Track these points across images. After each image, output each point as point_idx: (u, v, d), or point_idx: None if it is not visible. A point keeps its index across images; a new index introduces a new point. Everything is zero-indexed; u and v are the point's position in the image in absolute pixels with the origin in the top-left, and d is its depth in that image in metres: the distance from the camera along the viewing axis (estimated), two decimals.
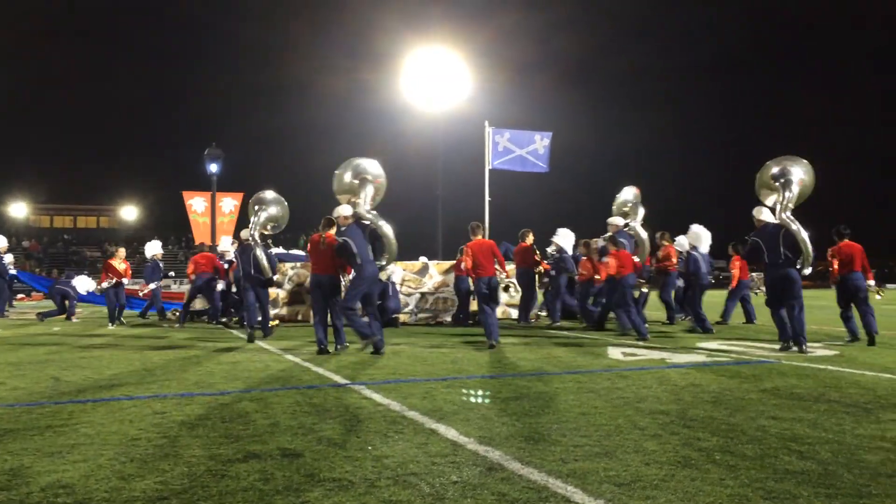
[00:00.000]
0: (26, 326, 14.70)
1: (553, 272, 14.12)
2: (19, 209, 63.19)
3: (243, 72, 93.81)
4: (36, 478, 3.39)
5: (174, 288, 24.04)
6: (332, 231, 9.20)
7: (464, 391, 5.82)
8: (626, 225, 13.00)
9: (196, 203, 23.94)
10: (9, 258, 18.70)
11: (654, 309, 15.74)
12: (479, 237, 10.14)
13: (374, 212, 9.44)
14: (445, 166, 33.26)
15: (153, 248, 16.35)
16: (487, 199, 18.19)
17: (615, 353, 8.66)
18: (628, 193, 13.35)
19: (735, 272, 13.85)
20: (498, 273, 9.90)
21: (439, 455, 3.76)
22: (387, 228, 9.26)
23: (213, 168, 22.26)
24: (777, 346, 8.97)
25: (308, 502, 3.00)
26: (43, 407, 5.23)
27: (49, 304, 19.18)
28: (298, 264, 15.08)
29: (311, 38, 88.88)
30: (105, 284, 14.93)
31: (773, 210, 9.21)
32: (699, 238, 13.10)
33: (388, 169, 9.88)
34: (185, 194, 25.52)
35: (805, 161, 9.18)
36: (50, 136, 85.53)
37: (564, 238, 14.39)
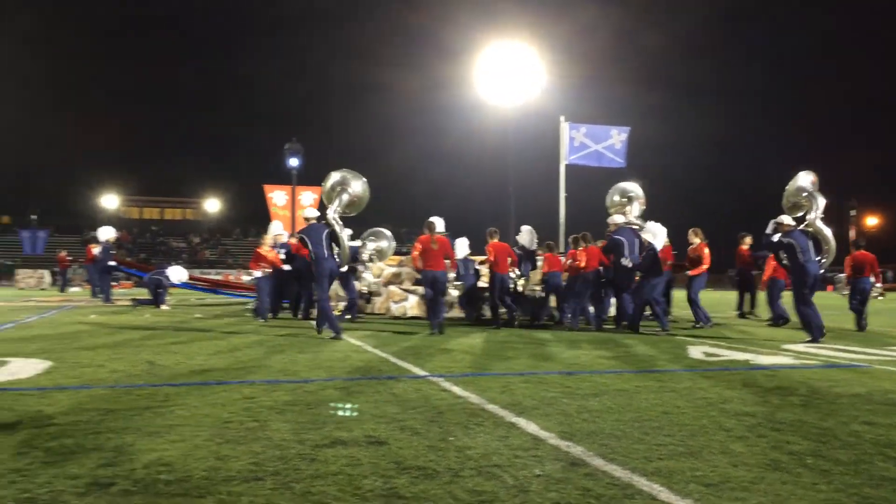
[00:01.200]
0: (120, 313, 15.44)
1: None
2: (111, 201, 66.33)
3: (324, 69, 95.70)
4: (139, 455, 3.58)
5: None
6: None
7: (542, 386, 5.83)
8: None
9: (277, 196, 24.62)
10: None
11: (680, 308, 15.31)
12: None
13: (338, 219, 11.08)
14: (518, 162, 33.19)
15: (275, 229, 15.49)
16: (563, 194, 18.05)
17: (696, 352, 8.49)
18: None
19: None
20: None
21: (521, 448, 3.79)
22: (343, 235, 11.16)
23: (294, 162, 22.85)
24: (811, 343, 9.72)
25: (395, 489, 3.08)
26: (141, 389, 5.51)
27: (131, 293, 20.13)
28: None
29: (389, 36, 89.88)
30: (258, 274, 13.37)
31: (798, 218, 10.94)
32: (654, 235, 12.89)
33: (459, 165, 10.29)
34: (266, 188, 26.26)
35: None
36: (140, 131, 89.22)
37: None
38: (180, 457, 3.55)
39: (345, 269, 12.08)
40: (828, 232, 11.21)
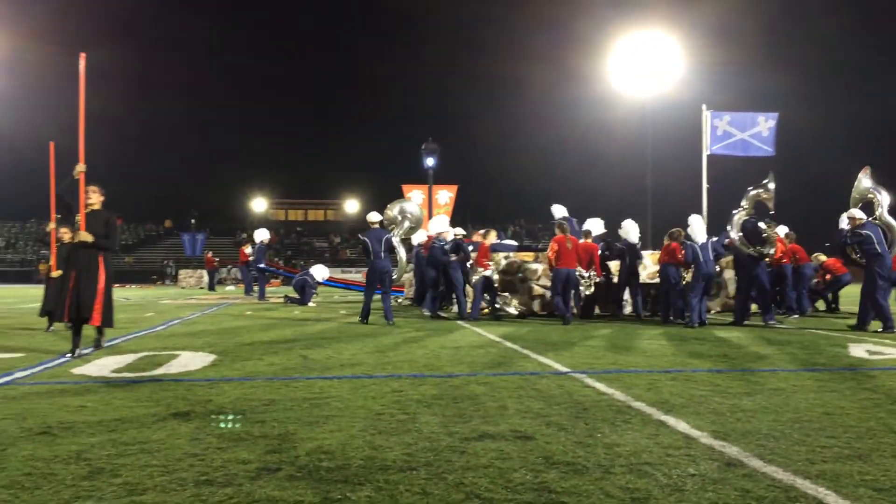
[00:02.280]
0: (271, 310, 16.38)
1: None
2: (260, 204, 70.43)
3: (459, 67, 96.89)
4: (301, 443, 3.81)
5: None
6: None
7: (690, 384, 5.65)
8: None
9: (414, 196, 25.17)
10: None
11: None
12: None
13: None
14: (655, 153, 32.18)
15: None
16: (706, 186, 17.37)
17: (858, 350, 7.93)
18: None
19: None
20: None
21: (672, 447, 3.71)
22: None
23: (430, 162, 23.30)
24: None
25: (546, 483, 3.10)
26: (297, 381, 5.83)
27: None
28: (511, 254, 15.36)
29: (522, 30, 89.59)
30: (488, 272, 13.32)
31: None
32: (628, 232, 13.45)
33: (593, 159, 10.32)
34: (405, 187, 26.91)
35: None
36: (285, 136, 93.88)
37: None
38: (339, 446, 3.74)
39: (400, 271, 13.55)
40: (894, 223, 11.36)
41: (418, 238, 16.31)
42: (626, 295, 13.80)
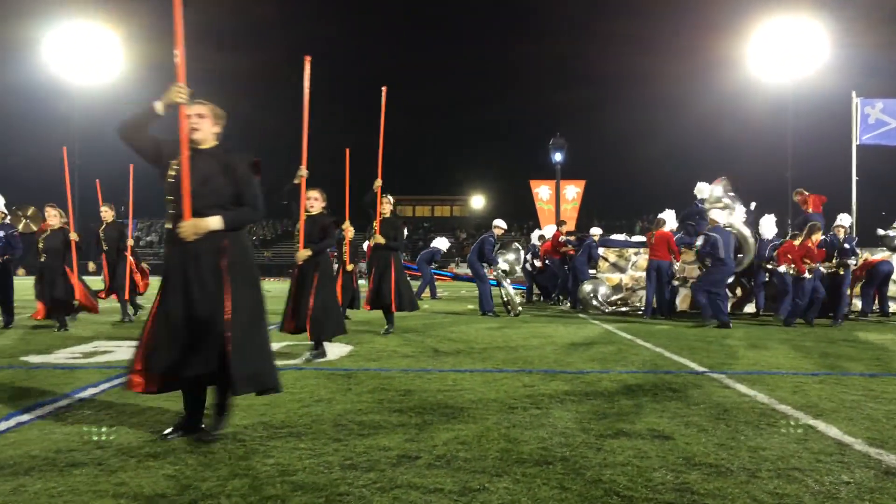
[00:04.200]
0: None
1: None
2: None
3: (586, 63, 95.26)
4: (437, 433, 3.91)
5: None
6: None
7: (840, 388, 5.33)
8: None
9: (542, 191, 25.12)
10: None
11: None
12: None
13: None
14: (797, 144, 30.36)
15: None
16: (855, 178, 16.22)
17: None
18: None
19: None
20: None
21: (823, 453, 3.52)
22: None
23: (558, 157, 23.13)
24: None
25: (688, 484, 3.03)
26: (430, 373, 5.97)
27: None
28: (642, 250, 14.99)
29: (653, 18, 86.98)
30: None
31: None
32: (764, 228, 12.89)
33: (727, 150, 10.14)
34: (532, 183, 26.90)
35: None
36: (412, 131, 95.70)
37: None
38: (475, 437, 3.81)
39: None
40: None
41: (548, 232, 16.35)
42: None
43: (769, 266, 12.03)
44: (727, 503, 2.81)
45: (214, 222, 3.63)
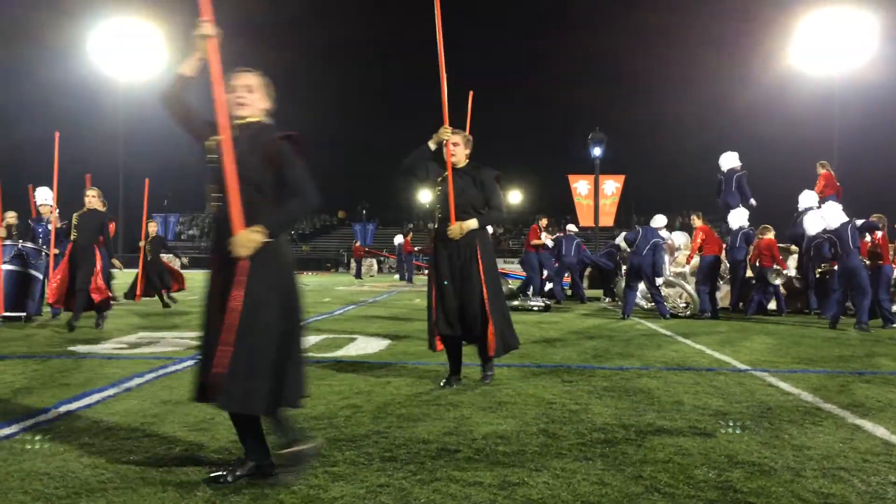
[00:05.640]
0: None
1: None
2: (426, 195, 72.22)
3: (624, 56, 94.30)
4: (476, 427, 3.92)
5: None
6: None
7: (888, 388, 5.21)
8: None
9: (580, 186, 24.94)
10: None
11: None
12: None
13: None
14: (843, 138, 29.64)
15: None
16: None
17: None
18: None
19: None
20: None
21: (870, 453, 3.45)
22: None
23: (597, 151, 22.92)
24: None
25: (730, 482, 3.00)
26: (468, 367, 5.92)
27: None
28: (682, 247, 14.81)
29: (693, 11, 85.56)
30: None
31: None
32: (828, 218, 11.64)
33: (774, 146, 9.68)
34: (571, 177, 26.73)
35: None
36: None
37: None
38: (513, 432, 3.81)
39: None
40: None
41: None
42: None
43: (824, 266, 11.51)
44: (771, 502, 2.77)
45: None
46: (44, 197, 10.70)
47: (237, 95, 3.10)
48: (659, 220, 12.53)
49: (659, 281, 11.81)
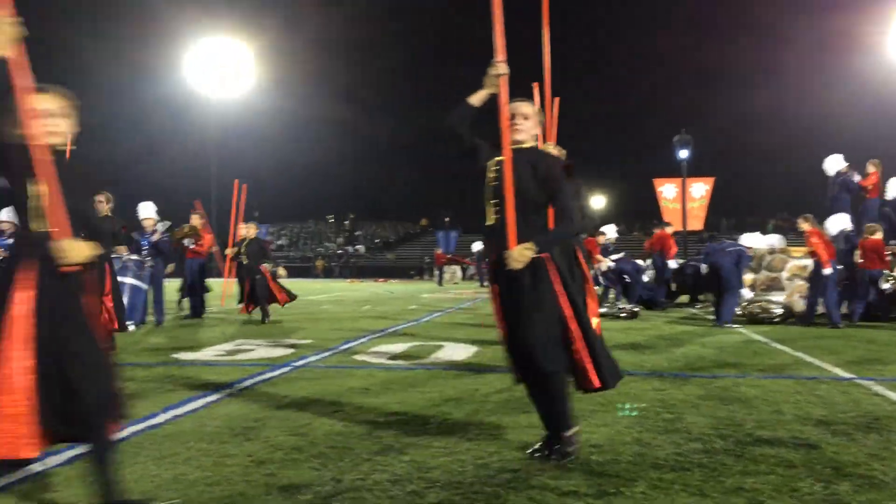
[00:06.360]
0: None
1: None
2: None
3: (708, 58, 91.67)
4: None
5: None
6: None
7: None
8: None
9: (666, 190, 24.38)
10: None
11: None
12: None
13: None
14: None
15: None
16: None
17: None
18: None
19: None
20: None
21: None
22: None
23: (683, 154, 22.39)
24: None
25: (837, 495, 2.89)
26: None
27: None
28: (777, 249, 14.25)
29: (775, 17, 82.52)
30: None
31: None
32: None
33: (872, 141, 9.22)
34: (656, 181, 26.17)
35: None
36: None
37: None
38: (607, 440, 3.78)
39: None
40: None
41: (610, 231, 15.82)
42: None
43: None
44: None
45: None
46: (147, 211, 11.24)
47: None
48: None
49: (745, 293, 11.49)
